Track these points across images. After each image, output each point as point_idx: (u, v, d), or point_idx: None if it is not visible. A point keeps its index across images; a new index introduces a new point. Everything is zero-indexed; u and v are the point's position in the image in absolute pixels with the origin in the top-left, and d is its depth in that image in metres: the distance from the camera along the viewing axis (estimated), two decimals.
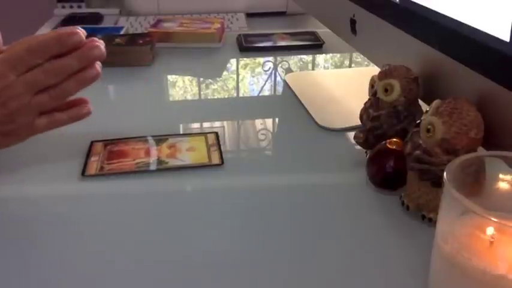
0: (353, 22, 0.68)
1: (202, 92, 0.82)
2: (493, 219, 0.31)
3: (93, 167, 0.58)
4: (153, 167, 0.58)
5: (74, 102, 0.57)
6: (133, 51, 0.90)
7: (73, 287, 0.42)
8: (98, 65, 0.55)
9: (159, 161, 0.59)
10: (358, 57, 0.95)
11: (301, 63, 0.94)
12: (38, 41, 0.52)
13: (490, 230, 0.33)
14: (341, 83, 0.80)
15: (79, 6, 1.31)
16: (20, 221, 0.50)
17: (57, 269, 0.44)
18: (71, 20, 1.19)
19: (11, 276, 0.43)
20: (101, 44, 0.55)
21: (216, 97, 0.80)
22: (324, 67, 0.94)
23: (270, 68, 0.91)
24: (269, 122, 0.72)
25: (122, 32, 1.06)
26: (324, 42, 0.99)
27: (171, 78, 0.89)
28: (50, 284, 0.42)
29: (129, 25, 1.16)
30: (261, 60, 0.94)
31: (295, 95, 0.76)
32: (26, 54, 0.51)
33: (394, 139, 0.52)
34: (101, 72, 0.56)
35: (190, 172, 0.58)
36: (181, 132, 0.67)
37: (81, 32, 0.53)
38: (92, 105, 0.57)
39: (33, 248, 0.46)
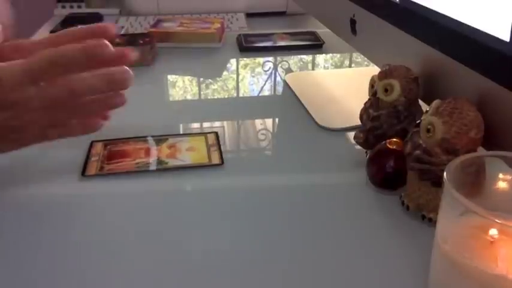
0: (353, 22, 0.68)
1: (202, 92, 0.82)
2: (493, 219, 0.31)
3: (93, 167, 0.58)
4: (153, 167, 0.58)
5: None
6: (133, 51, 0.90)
7: (72, 286, 0.42)
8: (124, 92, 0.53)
9: (159, 161, 0.59)
10: (358, 57, 0.95)
11: (301, 63, 0.94)
12: (62, 52, 0.48)
13: (490, 230, 0.33)
14: (341, 83, 0.80)
15: (79, 6, 1.31)
16: (20, 221, 0.50)
17: (57, 268, 0.44)
18: (71, 20, 1.19)
19: (10, 276, 0.43)
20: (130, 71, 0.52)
21: (216, 97, 0.80)
22: (324, 67, 0.94)
23: (270, 68, 0.91)
24: (269, 122, 0.72)
25: (122, 32, 1.06)
26: (324, 42, 0.99)
27: (171, 78, 0.89)
28: (49, 283, 0.42)
29: (129, 25, 1.16)
30: (261, 60, 0.94)
31: (295, 95, 0.76)
32: (49, 66, 0.47)
33: (394, 139, 0.52)
34: (126, 100, 0.54)
35: (190, 172, 0.58)
36: (181, 132, 0.67)
37: (110, 47, 0.49)
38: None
39: (33, 248, 0.46)
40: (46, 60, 0.48)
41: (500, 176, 0.38)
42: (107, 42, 0.49)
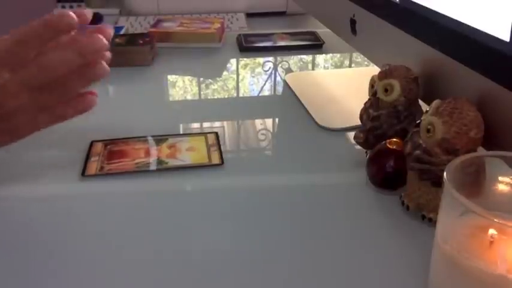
0: (353, 22, 0.68)
1: (202, 92, 0.82)
2: (493, 219, 0.31)
3: (93, 167, 0.58)
4: (153, 167, 0.58)
5: (79, 94, 0.54)
6: (134, 51, 0.90)
7: (72, 286, 0.42)
8: (107, 57, 0.52)
9: (159, 161, 0.59)
10: (358, 57, 0.95)
11: (301, 63, 0.94)
12: (24, 30, 0.48)
13: (490, 230, 0.33)
14: (341, 83, 0.80)
15: (79, 6, 1.31)
16: (20, 221, 0.50)
17: (57, 268, 0.44)
18: None
19: (10, 276, 0.43)
20: (104, 32, 0.51)
21: (216, 97, 0.80)
22: (324, 67, 0.94)
23: (270, 68, 0.91)
24: (269, 122, 0.72)
25: (121, 32, 1.06)
26: (324, 42, 0.99)
27: (171, 78, 0.89)
28: (49, 284, 0.42)
29: (129, 25, 1.16)
30: (261, 60, 0.94)
31: (295, 95, 0.76)
32: (15, 47, 0.48)
33: (394, 139, 0.52)
34: (108, 70, 0.53)
35: (190, 172, 0.58)
36: (181, 132, 0.67)
37: (71, 14, 0.49)
38: (97, 98, 0.55)
39: (33, 248, 0.46)
40: (10, 41, 0.48)
41: (500, 176, 0.38)
42: (70, 12, 0.49)
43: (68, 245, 0.46)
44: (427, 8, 0.50)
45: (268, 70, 0.90)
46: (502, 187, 0.38)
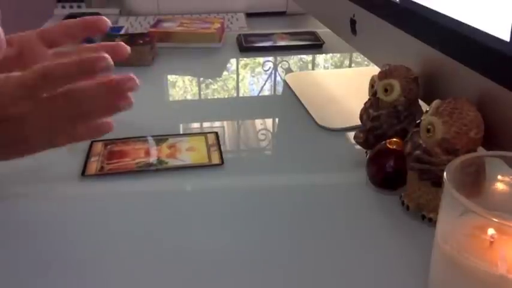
0: (353, 22, 0.68)
1: (202, 92, 0.82)
2: (493, 219, 0.31)
3: (93, 167, 0.58)
4: (153, 167, 0.58)
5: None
6: (133, 51, 0.90)
7: (72, 286, 0.42)
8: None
9: (159, 161, 0.59)
10: (358, 57, 0.95)
11: (301, 63, 0.94)
12: (55, 66, 0.46)
13: (490, 230, 0.33)
14: (341, 83, 0.80)
15: (79, 6, 1.31)
16: (19, 221, 0.50)
17: (57, 268, 0.44)
18: None
19: (10, 276, 0.43)
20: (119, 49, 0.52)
21: (216, 97, 0.80)
22: (324, 67, 0.94)
23: (270, 68, 0.91)
24: (269, 122, 0.72)
25: (121, 32, 1.06)
26: (324, 42, 0.99)
27: (171, 78, 0.89)
28: (49, 283, 0.42)
29: (129, 25, 1.16)
30: (261, 60, 0.94)
31: (295, 95, 0.76)
32: (43, 81, 0.46)
33: (394, 139, 0.52)
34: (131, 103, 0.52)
35: (190, 172, 0.58)
36: (181, 132, 0.67)
37: (107, 58, 0.47)
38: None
39: (33, 248, 0.46)
40: (40, 73, 0.46)
41: (500, 176, 0.38)
42: (106, 55, 0.47)
43: (67, 245, 0.46)
44: (427, 8, 0.50)
45: (268, 70, 0.90)
46: (502, 187, 0.38)
